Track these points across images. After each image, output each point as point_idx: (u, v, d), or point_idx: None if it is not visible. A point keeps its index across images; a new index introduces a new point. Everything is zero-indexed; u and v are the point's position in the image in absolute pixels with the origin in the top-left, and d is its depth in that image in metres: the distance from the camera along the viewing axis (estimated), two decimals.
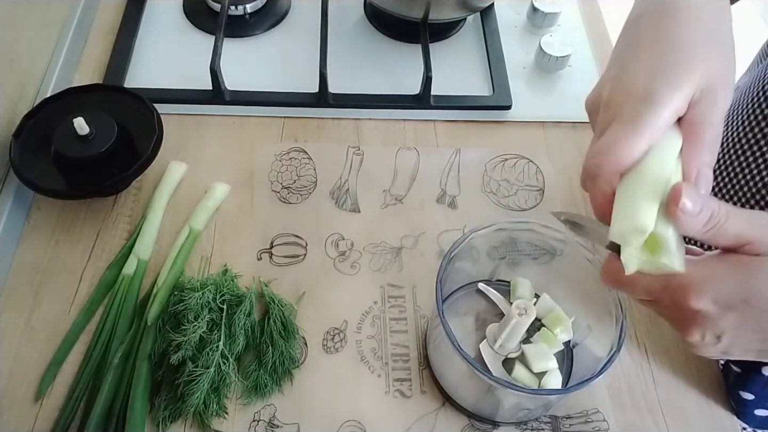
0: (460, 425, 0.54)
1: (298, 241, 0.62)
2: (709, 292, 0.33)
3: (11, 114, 0.62)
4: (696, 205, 0.33)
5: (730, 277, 0.34)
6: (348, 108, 0.72)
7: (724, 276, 0.34)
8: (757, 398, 0.54)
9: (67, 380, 0.54)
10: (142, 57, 0.74)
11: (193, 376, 0.51)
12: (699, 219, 0.34)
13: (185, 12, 0.79)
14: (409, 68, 0.74)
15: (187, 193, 0.64)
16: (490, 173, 0.68)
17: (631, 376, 0.57)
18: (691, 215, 0.33)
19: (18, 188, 0.61)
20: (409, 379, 0.55)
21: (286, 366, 0.54)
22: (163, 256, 0.60)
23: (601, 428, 0.54)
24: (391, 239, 0.63)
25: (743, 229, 0.34)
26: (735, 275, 0.33)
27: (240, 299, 0.56)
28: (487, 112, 0.73)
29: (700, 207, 0.33)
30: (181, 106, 0.70)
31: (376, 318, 0.58)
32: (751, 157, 0.54)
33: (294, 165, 0.67)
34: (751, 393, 0.54)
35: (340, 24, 0.79)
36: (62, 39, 0.71)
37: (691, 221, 0.34)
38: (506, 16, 0.81)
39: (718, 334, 0.34)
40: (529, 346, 0.52)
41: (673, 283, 0.34)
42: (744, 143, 0.55)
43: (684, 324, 0.35)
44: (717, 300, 0.33)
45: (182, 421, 0.52)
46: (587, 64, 0.78)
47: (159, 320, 0.55)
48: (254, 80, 0.73)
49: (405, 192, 0.67)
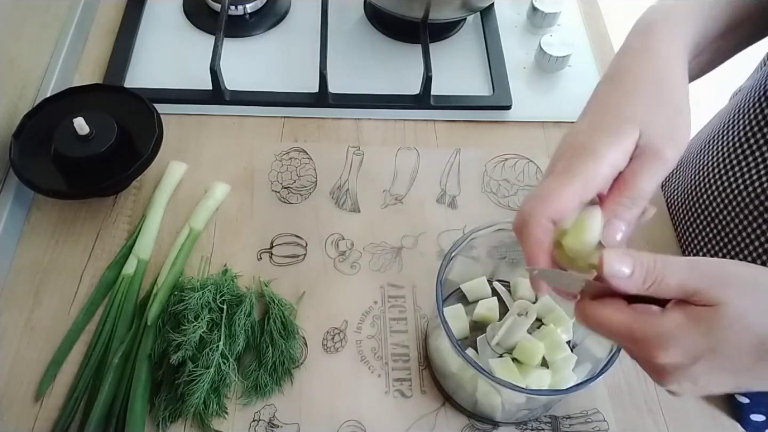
0: (460, 425, 0.54)
1: (298, 241, 0.62)
2: (674, 346, 0.33)
3: (11, 114, 0.62)
4: (625, 264, 0.34)
5: (692, 331, 0.33)
6: (348, 108, 0.72)
7: (686, 330, 0.33)
8: (752, 402, 0.54)
9: (67, 380, 0.54)
10: (142, 57, 0.74)
11: (193, 376, 0.51)
12: (635, 279, 0.34)
13: (185, 12, 0.79)
14: (409, 68, 0.74)
15: (187, 193, 0.64)
16: (490, 173, 0.68)
17: (631, 376, 0.57)
18: (623, 277, 0.34)
19: (18, 188, 0.61)
20: (409, 379, 0.55)
21: (286, 366, 0.54)
22: (163, 256, 0.60)
23: (601, 428, 0.54)
24: (391, 239, 0.63)
25: (685, 280, 0.34)
26: (697, 329, 0.33)
27: (240, 299, 0.56)
28: (487, 112, 0.73)
29: (630, 268, 0.34)
30: (181, 106, 0.70)
31: (376, 318, 0.58)
32: (753, 162, 0.54)
33: (294, 165, 0.67)
34: (746, 397, 0.54)
35: (340, 24, 0.79)
36: (62, 39, 0.71)
37: (625, 283, 0.34)
38: (506, 16, 0.81)
39: (693, 380, 0.34)
40: (542, 333, 0.52)
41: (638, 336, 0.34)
42: (746, 147, 0.55)
43: (659, 376, 0.35)
44: (684, 353, 0.33)
45: (182, 421, 0.52)
46: (587, 64, 0.78)
47: (159, 320, 0.55)
48: (254, 80, 0.73)
49: (405, 192, 0.67)
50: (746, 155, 0.55)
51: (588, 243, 0.38)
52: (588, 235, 0.38)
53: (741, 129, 0.56)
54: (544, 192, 0.38)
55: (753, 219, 0.54)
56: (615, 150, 0.38)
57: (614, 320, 0.35)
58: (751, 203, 0.54)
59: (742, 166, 0.55)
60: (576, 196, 0.38)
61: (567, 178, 0.37)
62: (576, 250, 0.38)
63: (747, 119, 0.55)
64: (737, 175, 0.55)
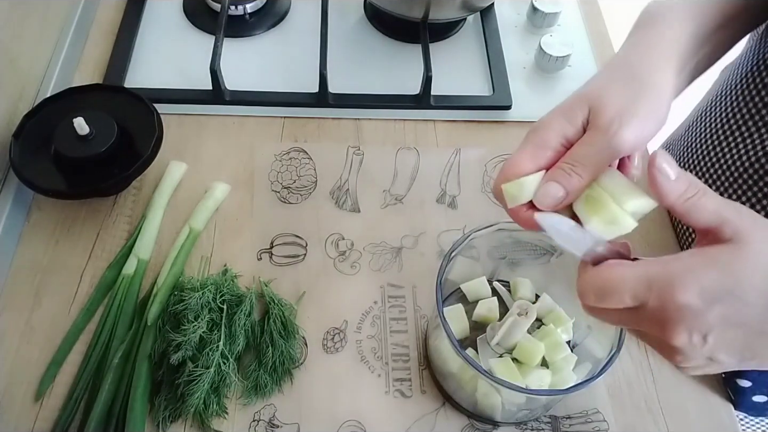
0: (460, 425, 0.54)
1: (298, 241, 0.62)
2: (694, 283, 0.33)
3: (11, 114, 0.62)
4: (673, 169, 0.35)
5: (712, 269, 0.33)
6: (348, 108, 0.72)
7: (706, 268, 0.33)
8: (754, 384, 0.54)
9: (67, 380, 0.54)
10: (142, 57, 0.74)
11: (193, 376, 0.51)
12: (678, 184, 0.35)
13: (185, 12, 0.79)
14: (409, 68, 0.74)
15: (187, 193, 0.64)
16: (490, 173, 0.68)
17: (631, 376, 0.57)
18: (668, 177, 0.35)
19: (18, 188, 0.61)
20: (409, 379, 0.55)
21: (286, 366, 0.54)
22: (163, 256, 0.60)
23: (601, 428, 0.54)
24: (391, 239, 0.63)
25: (721, 205, 0.34)
26: (717, 267, 0.33)
27: (240, 299, 0.56)
28: (487, 112, 0.73)
29: (676, 172, 0.35)
30: (181, 106, 0.70)
31: (376, 318, 0.58)
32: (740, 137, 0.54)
33: (294, 165, 0.67)
34: (747, 380, 0.54)
35: (340, 24, 0.79)
36: (62, 39, 0.71)
37: (670, 185, 0.35)
38: (506, 16, 0.81)
39: (704, 332, 0.34)
40: (542, 333, 0.52)
41: (658, 279, 0.34)
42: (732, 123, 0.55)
43: (670, 326, 0.34)
44: (702, 291, 0.33)
45: (182, 421, 0.52)
46: (587, 64, 0.78)
47: (159, 320, 0.55)
48: (254, 80, 0.73)
49: (405, 192, 0.67)
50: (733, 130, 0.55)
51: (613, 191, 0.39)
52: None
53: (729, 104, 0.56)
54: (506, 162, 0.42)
55: (742, 192, 0.54)
56: (562, 121, 0.41)
57: (629, 272, 0.35)
58: (740, 177, 0.54)
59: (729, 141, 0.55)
60: (528, 161, 0.41)
61: (521, 146, 0.42)
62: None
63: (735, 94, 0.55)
64: (725, 150, 0.56)
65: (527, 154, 0.41)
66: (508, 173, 0.41)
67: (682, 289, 0.33)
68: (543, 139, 0.41)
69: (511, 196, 0.41)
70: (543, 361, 0.52)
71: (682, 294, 0.33)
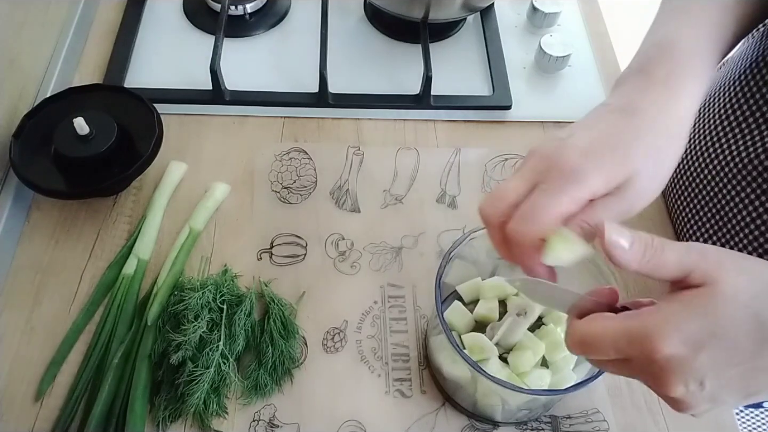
0: (460, 425, 0.54)
1: (298, 241, 0.62)
2: (674, 332, 0.33)
3: (11, 114, 0.62)
4: (625, 238, 0.35)
5: (690, 315, 0.33)
6: (348, 108, 0.72)
7: (684, 315, 0.33)
8: None
9: (67, 380, 0.54)
10: (142, 57, 0.74)
11: (193, 376, 0.51)
12: (634, 252, 0.34)
13: (185, 12, 0.79)
14: (409, 68, 0.74)
15: (187, 193, 0.64)
16: (490, 173, 0.68)
17: None
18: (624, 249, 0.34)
19: (18, 188, 0.61)
20: (409, 379, 0.55)
21: (286, 366, 0.54)
22: (163, 256, 0.60)
23: (601, 428, 0.54)
24: (391, 239, 0.63)
25: (683, 257, 0.34)
26: (695, 312, 0.33)
27: (240, 299, 0.56)
28: (487, 112, 0.73)
29: (629, 239, 0.35)
30: (181, 106, 0.70)
31: (376, 318, 0.58)
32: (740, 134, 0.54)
33: (294, 165, 0.67)
34: None
35: (340, 24, 0.79)
36: (62, 39, 0.71)
37: (627, 255, 0.34)
38: (506, 16, 0.81)
39: (699, 379, 0.33)
40: (543, 333, 0.52)
41: (637, 334, 0.34)
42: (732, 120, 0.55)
43: (663, 379, 0.34)
44: (685, 339, 0.32)
45: (182, 421, 0.52)
46: (587, 64, 0.78)
47: (159, 320, 0.55)
48: (254, 80, 0.73)
49: (405, 192, 0.67)
50: (732, 126, 0.55)
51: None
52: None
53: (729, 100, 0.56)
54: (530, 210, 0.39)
55: (741, 189, 0.54)
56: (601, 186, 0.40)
57: (609, 327, 0.35)
58: (739, 173, 0.54)
59: (729, 137, 0.55)
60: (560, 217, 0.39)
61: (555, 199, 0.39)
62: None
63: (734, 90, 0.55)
64: (725, 146, 0.56)
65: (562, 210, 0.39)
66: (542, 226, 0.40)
67: (663, 341, 0.33)
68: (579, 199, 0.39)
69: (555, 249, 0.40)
70: (543, 361, 0.52)
71: (664, 346, 0.33)
